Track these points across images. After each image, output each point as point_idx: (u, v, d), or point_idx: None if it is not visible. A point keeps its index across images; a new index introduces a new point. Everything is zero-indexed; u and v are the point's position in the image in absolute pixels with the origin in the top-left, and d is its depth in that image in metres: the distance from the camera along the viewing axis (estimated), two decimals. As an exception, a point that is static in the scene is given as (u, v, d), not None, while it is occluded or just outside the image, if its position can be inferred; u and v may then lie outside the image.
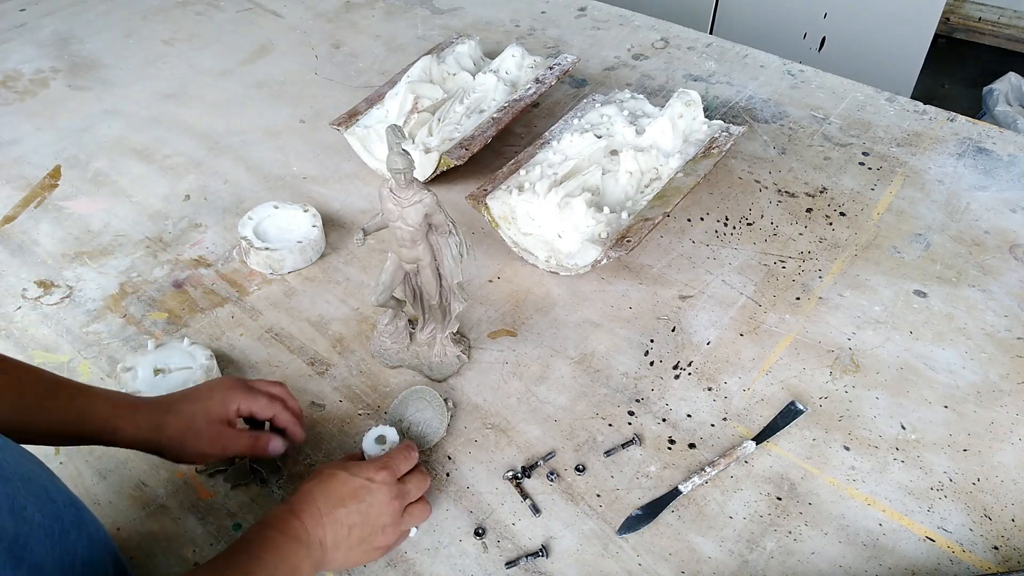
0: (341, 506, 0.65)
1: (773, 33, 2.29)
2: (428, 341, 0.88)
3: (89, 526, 0.58)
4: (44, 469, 0.58)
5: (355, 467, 0.68)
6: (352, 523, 0.65)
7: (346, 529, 0.65)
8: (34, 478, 0.55)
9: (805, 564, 0.71)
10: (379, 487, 0.67)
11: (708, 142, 1.06)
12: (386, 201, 0.75)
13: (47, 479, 0.57)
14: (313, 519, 0.63)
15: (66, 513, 0.56)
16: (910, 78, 2.16)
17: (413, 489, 0.71)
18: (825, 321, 0.93)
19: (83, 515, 0.58)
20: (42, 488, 0.55)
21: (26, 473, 0.54)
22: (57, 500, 0.56)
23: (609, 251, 0.92)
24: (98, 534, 0.59)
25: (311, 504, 0.64)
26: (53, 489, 0.56)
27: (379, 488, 0.67)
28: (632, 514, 0.74)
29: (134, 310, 0.95)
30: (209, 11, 1.59)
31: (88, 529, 0.58)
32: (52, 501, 0.55)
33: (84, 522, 0.58)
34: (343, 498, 0.65)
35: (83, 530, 0.57)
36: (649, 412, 0.84)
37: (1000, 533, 0.73)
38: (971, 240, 1.04)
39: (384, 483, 0.67)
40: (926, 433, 0.82)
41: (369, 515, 0.66)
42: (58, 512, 0.55)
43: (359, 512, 0.66)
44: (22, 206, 1.11)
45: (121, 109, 1.30)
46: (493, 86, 1.17)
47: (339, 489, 0.66)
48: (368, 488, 0.66)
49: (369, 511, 0.66)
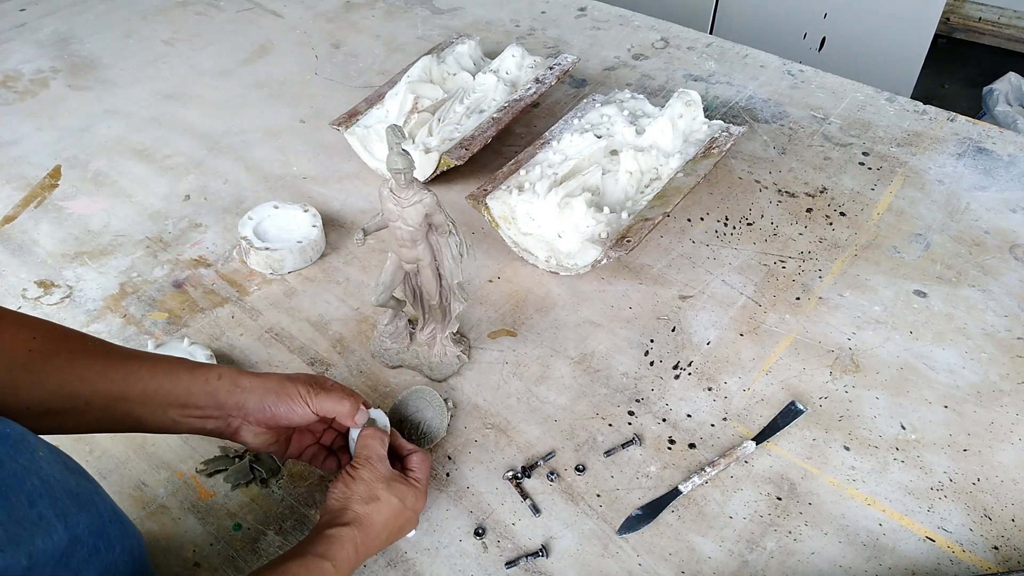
0: (386, 542, 0.67)
1: (773, 33, 2.29)
2: (428, 341, 0.88)
3: (131, 540, 0.58)
4: (89, 480, 0.57)
5: (406, 493, 0.68)
6: (388, 536, 0.67)
7: (383, 541, 0.67)
8: (82, 493, 0.54)
9: (805, 564, 0.71)
10: (417, 511, 0.69)
11: (708, 142, 1.06)
12: (386, 201, 0.75)
13: (93, 492, 0.56)
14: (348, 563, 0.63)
15: (111, 528, 0.55)
16: (910, 78, 2.16)
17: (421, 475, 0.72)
18: (825, 321, 0.93)
19: (127, 528, 0.58)
20: (90, 502, 0.54)
21: (73, 487, 0.53)
22: (104, 514, 0.55)
23: (609, 251, 0.92)
24: (139, 548, 0.59)
25: (350, 552, 0.63)
26: (100, 502, 0.56)
27: (417, 511, 0.69)
28: (632, 514, 0.74)
29: (134, 310, 0.95)
30: (209, 11, 1.59)
31: (130, 544, 0.57)
32: (99, 516, 0.55)
33: (127, 536, 0.57)
34: (389, 535, 0.67)
35: (126, 544, 0.57)
36: (649, 412, 0.84)
37: (1000, 533, 0.73)
38: (971, 240, 1.04)
39: (420, 503, 0.69)
40: (926, 433, 0.82)
41: (404, 529, 0.69)
42: (103, 527, 0.54)
43: (397, 530, 0.68)
44: (22, 206, 1.11)
45: (121, 109, 1.30)
46: (493, 86, 1.17)
47: (381, 535, 0.66)
48: (412, 520, 0.69)
49: (405, 526, 0.69)
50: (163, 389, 0.64)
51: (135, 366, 0.64)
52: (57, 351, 0.61)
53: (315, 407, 0.68)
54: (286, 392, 0.67)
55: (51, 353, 0.60)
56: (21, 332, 0.60)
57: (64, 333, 0.63)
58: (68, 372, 0.60)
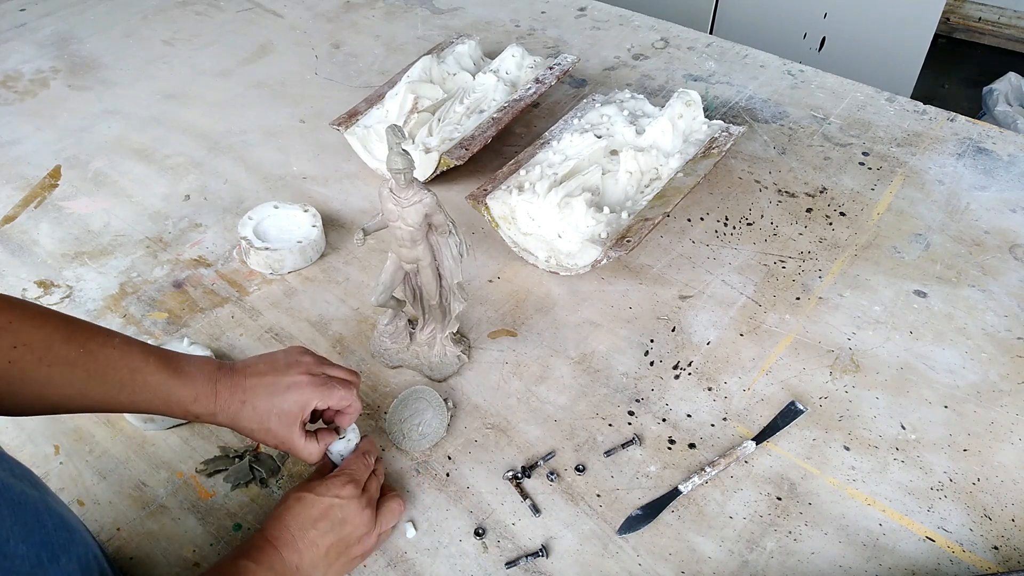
0: (313, 528, 0.65)
1: (773, 33, 2.29)
2: (428, 341, 0.88)
3: (80, 548, 0.57)
4: (38, 489, 0.56)
5: (320, 487, 0.67)
6: (328, 543, 0.65)
7: (322, 550, 0.65)
8: (25, 502, 0.53)
9: (805, 564, 0.71)
10: (347, 502, 0.67)
11: (708, 142, 1.06)
12: (386, 201, 0.75)
13: (39, 500, 0.55)
14: (287, 545, 0.63)
15: (56, 538, 0.54)
16: (910, 78, 2.16)
17: (374, 491, 0.71)
18: (825, 321, 0.93)
19: (74, 537, 0.57)
20: (32, 513, 0.53)
21: (16, 497, 0.52)
22: (47, 524, 0.54)
23: (609, 251, 0.92)
24: (88, 555, 0.58)
25: (284, 530, 0.64)
26: (44, 512, 0.55)
27: (347, 503, 0.67)
28: (632, 514, 0.74)
29: (134, 310, 0.95)
30: (209, 11, 1.59)
31: (79, 551, 0.56)
32: (42, 527, 0.53)
33: (75, 544, 0.56)
34: (314, 520, 0.65)
35: (73, 553, 0.56)
36: (649, 412, 0.84)
37: (1000, 533, 0.73)
38: (971, 240, 1.04)
39: (351, 496, 0.67)
40: (926, 433, 0.82)
41: (343, 531, 0.66)
42: (47, 538, 0.53)
43: (332, 531, 0.66)
44: (22, 206, 1.11)
45: (121, 109, 1.30)
46: (493, 86, 1.17)
47: (308, 512, 0.65)
48: (338, 505, 0.66)
49: (343, 527, 0.66)
50: (149, 406, 0.64)
51: (123, 380, 0.62)
52: (38, 363, 0.59)
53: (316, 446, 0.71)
54: (284, 435, 0.68)
55: (31, 365, 0.58)
56: (2, 341, 0.58)
57: (47, 339, 0.60)
58: (47, 387, 0.59)
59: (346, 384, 0.71)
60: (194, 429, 0.82)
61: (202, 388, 0.65)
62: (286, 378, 0.68)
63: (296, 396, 0.68)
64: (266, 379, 0.68)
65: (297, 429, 0.68)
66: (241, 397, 0.67)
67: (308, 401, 0.68)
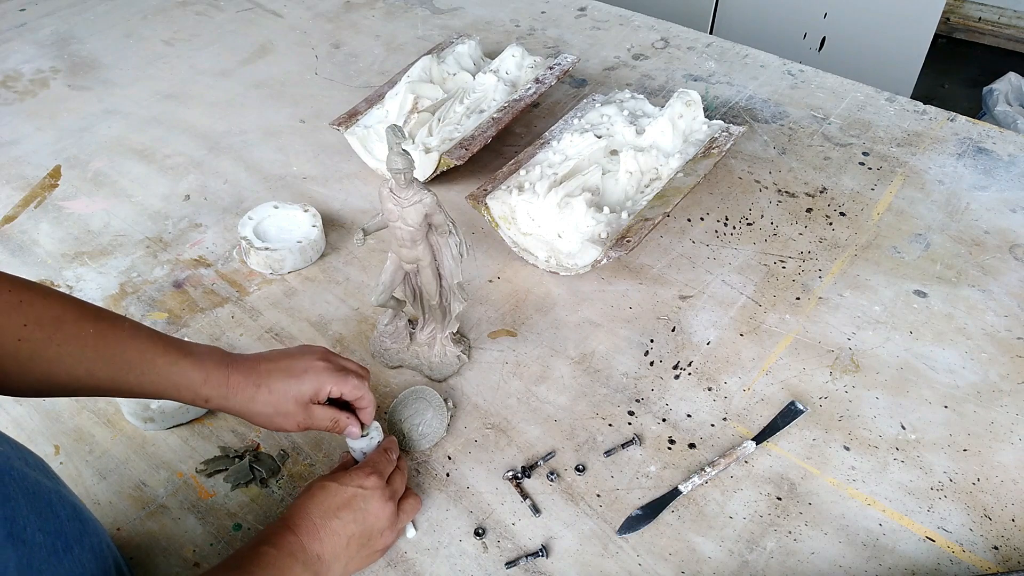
0: (336, 517, 0.65)
1: (773, 33, 2.29)
2: (428, 341, 0.88)
3: (92, 538, 0.57)
4: (50, 479, 0.56)
5: (344, 477, 0.68)
6: (350, 533, 0.65)
7: (344, 540, 0.65)
8: (39, 492, 0.53)
9: (805, 564, 0.71)
10: (371, 492, 0.67)
11: (708, 142, 1.06)
12: (386, 201, 0.75)
13: (52, 491, 0.55)
14: (309, 533, 0.63)
15: (69, 528, 0.55)
16: (910, 78, 2.16)
17: (399, 486, 0.71)
18: (825, 321, 0.93)
19: (87, 527, 0.57)
20: (46, 503, 0.54)
21: (30, 487, 0.53)
22: (61, 514, 0.54)
23: (609, 251, 0.92)
24: (101, 545, 0.58)
25: (306, 518, 0.64)
26: (57, 502, 0.55)
27: (371, 494, 0.67)
28: (632, 514, 0.74)
29: (134, 310, 0.95)
30: (209, 11, 1.59)
31: (92, 541, 0.57)
32: (56, 516, 0.54)
33: (88, 534, 0.57)
34: (337, 509, 0.65)
35: (86, 543, 0.56)
36: (649, 412, 0.84)
37: (1000, 533, 0.73)
38: (971, 240, 1.04)
39: (375, 488, 0.67)
40: (926, 433, 0.82)
41: (366, 522, 0.66)
42: (61, 528, 0.54)
43: (355, 521, 0.66)
44: (22, 206, 1.11)
45: (121, 109, 1.30)
46: (493, 86, 1.17)
47: (332, 501, 0.66)
48: (361, 495, 0.66)
49: (365, 518, 0.66)
50: (156, 388, 0.63)
51: (131, 360, 0.62)
52: (48, 342, 0.59)
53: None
54: (302, 416, 0.68)
55: (41, 343, 0.58)
56: (12, 319, 0.58)
57: (58, 318, 0.60)
58: (56, 365, 0.59)
59: (358, 374, 0.72)
60: (194, 429, 0.82)
61: (212, 370, 0.65)
62: (301, 362, 0.69)
63: (312, 378, 0.68)
64: (281, 363, 0.68)
65: (310, 406, 0.69)
66: (256, 381, 0.66)
67: (323, 384, 0.68)
